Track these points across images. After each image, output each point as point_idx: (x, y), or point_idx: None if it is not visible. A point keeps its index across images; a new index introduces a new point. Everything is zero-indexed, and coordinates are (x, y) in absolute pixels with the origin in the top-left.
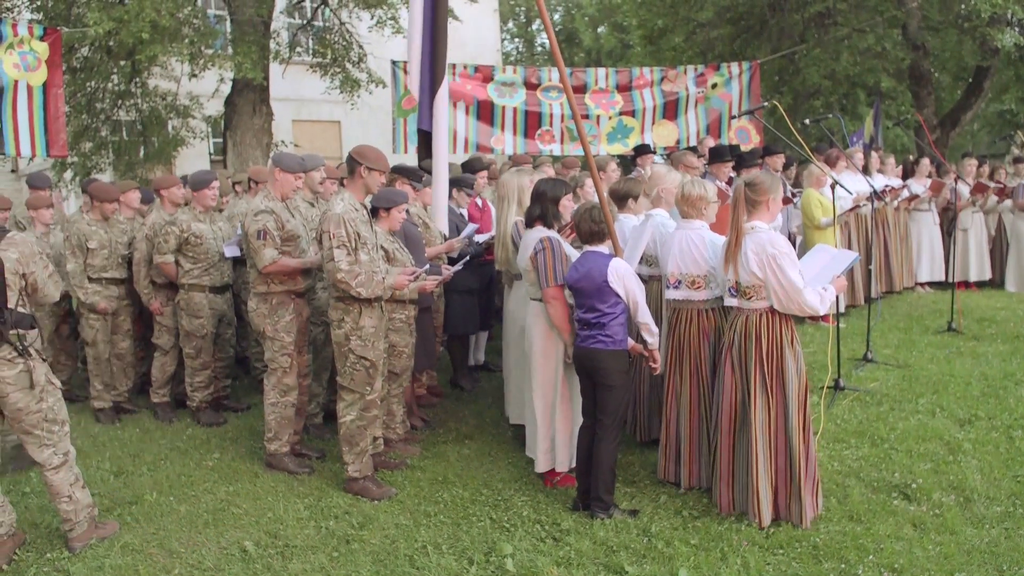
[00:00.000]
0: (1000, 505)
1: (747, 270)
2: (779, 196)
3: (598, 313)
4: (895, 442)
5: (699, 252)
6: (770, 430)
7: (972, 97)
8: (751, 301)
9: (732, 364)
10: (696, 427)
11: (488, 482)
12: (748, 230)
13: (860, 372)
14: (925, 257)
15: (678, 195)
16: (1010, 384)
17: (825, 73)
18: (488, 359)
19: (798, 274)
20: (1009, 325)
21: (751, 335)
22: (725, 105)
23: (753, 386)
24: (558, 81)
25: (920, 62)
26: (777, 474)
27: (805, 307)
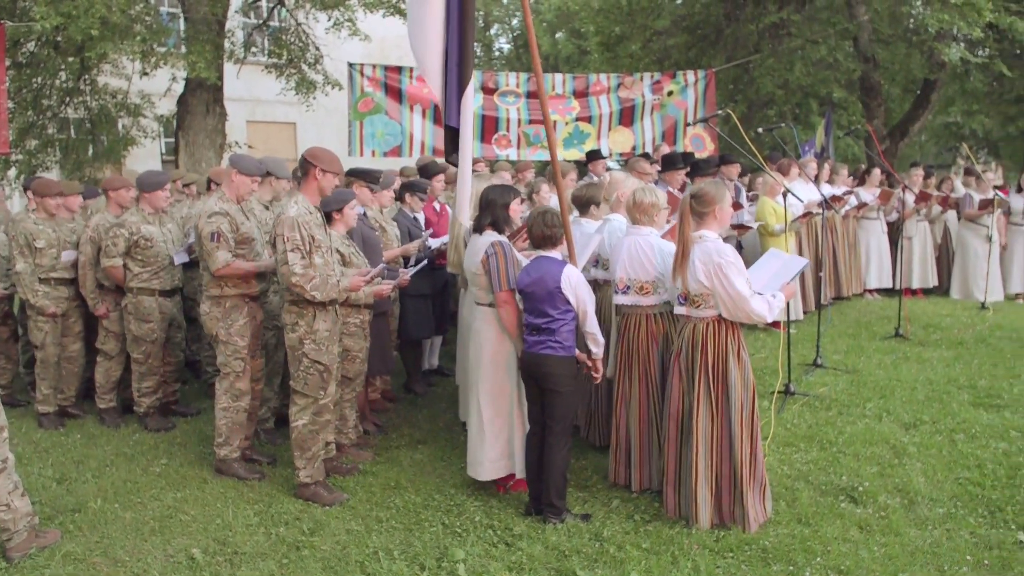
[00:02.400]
0: (942, 507)
1: (695, 279)
2: (726, 204)
3: (549, 319)
4: (843, 446)
5: (647, 258)
6: (712, 437)
7: (920, 109)
8: (699, 309)
9: (680, 372)
10: (645, 431)
11: (441, 487)
12: (696, 239)
13: (810, 377)
14: (874, 264)
15: (629, 201)
16: (953, 389)
17: (779, 83)
18: (442, 364)
19: (745, 283)
20: (953, 331)
21: (698, 344)
22: (680, 112)
23: (697, 394)
24: (515, 86)
25: (870, 74)
26: (720, 480)
27: (752, 315)
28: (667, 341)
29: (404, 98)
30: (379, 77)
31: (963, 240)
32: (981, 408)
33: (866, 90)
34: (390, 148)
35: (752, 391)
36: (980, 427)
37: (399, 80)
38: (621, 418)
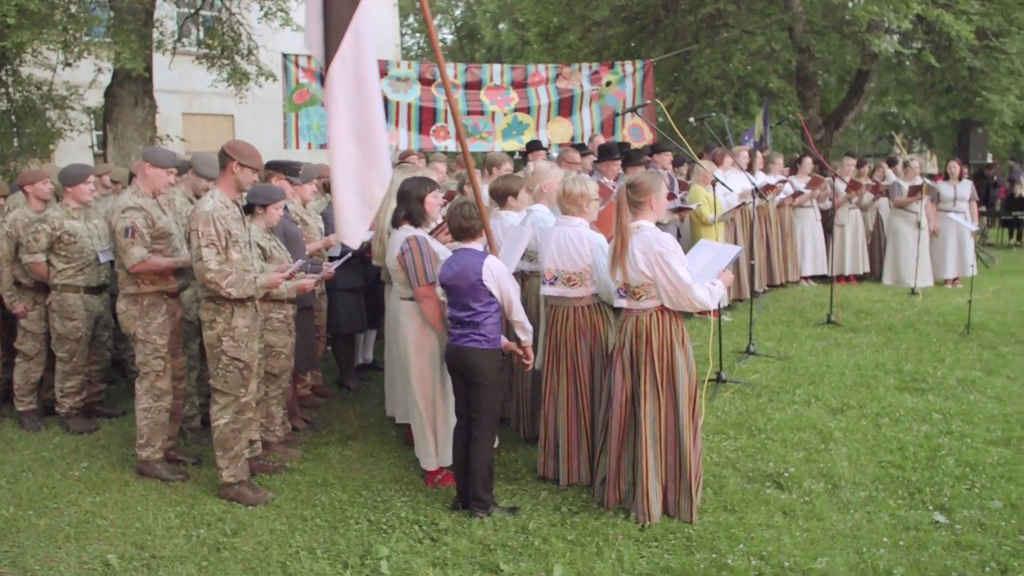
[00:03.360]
0: (865, 490)
1: (635, 269)
2: (662, 194)
3: (472, 312)
4: (771, 432)
5: (576, 249)
6: (661, 428)
7: (854, 99)
8: (641, 301)
9: (623, 366)
10: (574, 424)
11: (368, 483)
12: (634, 230)
13: (742, 365)
14: (808, 252)
15: (560, 192)
16: (880, 374)
17: (717, 73)
18: (377, 358)
19: (686, 271)
20: (883, 317)
21: (642, 335)
22: (619, 103)
23: (644, 385)
24: (453, 77)
25: (805, 64)
26: (667, 472)
27: (695, 303)
28: (595, 334)
29: None
30: (315, 68)
31: (893, 227)
32: (906, 392)
33: (802, 80)
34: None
35: (695, 380)
36: (904, 410)
37: None
38: (549, 411)
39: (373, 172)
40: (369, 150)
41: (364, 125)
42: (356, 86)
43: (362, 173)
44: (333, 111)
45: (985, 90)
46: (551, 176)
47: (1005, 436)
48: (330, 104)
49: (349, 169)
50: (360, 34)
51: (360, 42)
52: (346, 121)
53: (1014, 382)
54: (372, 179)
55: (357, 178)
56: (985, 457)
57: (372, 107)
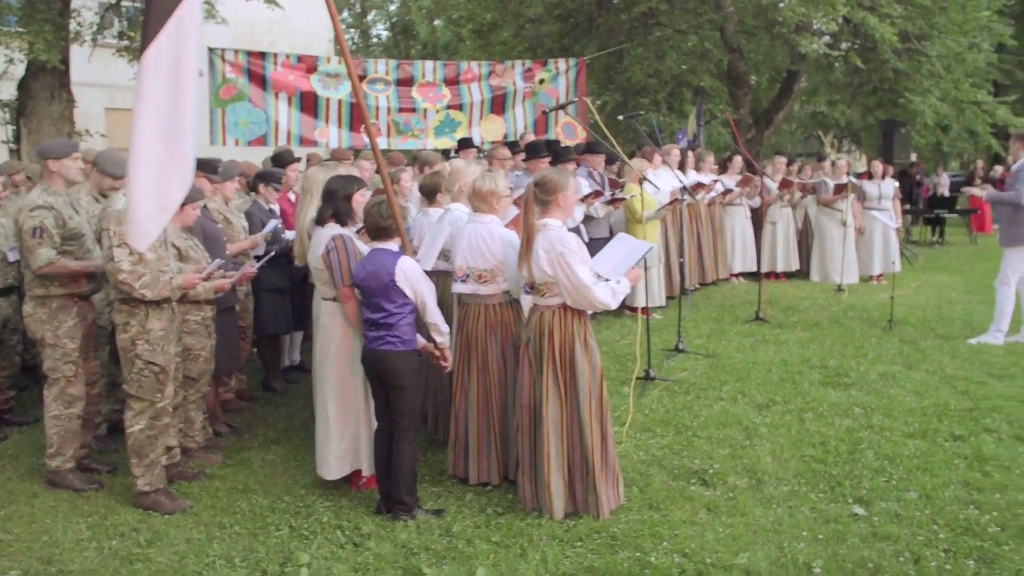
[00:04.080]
0: (787, 484)
1: (539, 268)
2: (570, 192)
3: (385, 313)
4: (697, 429)
5: (487, 246)
6: (562, 425)
7: (784, 98)
8: (545, 298)
9: (529, 361)
10: (483, 423)
11: (291, 488)
12: (540, 228)
13: (671, 362)
14: (739, 249)
15: (469, 189)
16: (806, 369)
17: (650, 71)
18: (304, 359)
19: (587, 271)
20: (810, 313)
21: (545, 332)
22: (552, 101)
23: (545, 381)
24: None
25: (736, 64)
26: (572, 468)
27: (595, 303)
28: (506, 331)
29: (268, 85)
30: (242, 63)
31: (820, 225)
32: (830, 387)
33: (733, 80)
34: (254, 137)
35: (600, 377)
36: (827, 405)
37: (263, 66)
38: (460, 409)
39: (175, 174)
40: (175, 149)
41: (174, 123)
42: (171, 80)
43: (163, 174)
44: (142, 103)
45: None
46: (468, 174)
47: (922, 429)
48: (139, 94)
49: (151, 167)
50: (184, 27)
51: (183, 35)
52: (155, 115)
53: (932, 376)
54: (172, 181)
55: (157, 178)
56: (903, 450)
57: (185, 105)
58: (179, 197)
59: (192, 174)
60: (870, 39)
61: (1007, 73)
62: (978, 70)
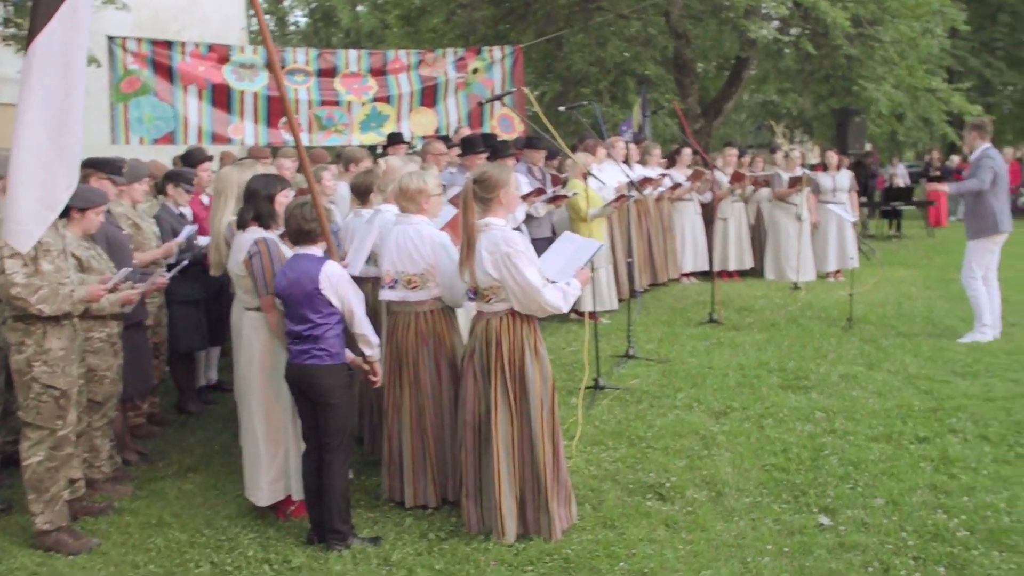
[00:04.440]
0: (749, 496)
1: (483, 271)
2: (512, 188)
3: (310, 324)
4: (652, 440)
5: (416, 249)
6: (513, 441)
7: (733, 87)
8: (490, 304)
9: (474, 373)
10: (418, 441)
11: (211, 520)
12: (482, 228)
13: (621, 369)
14: (689, 247)
15: (395, 188)
16: (764, 373)
17: (592, 59)
18: (223, 377)
19: (536, 272)
20: (766, 314)
21: (492, 340)
22: (487, 92)
23: (494, 393)
24: (304, 63)
25: (683, 51)
26: (523, 486)
27: (545, 306)
28: (439, 341)
29: (176, 77)
30: (145, 53)
31: (774, 220)
32: (789, 391)
33: (680, 67)
34: (161, 134)
35: (552, 388)
36: (788, 410)
37: (169, 56)
38: (392, 427)
39: (62, 171)
40: (64, 145)
41: (63, 118)
42: (63, 70)
43: (49, 170)
44: (29, 95)
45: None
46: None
47: (886, 432)
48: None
49: (37, 164)
50: (79, 12)
51: (76, 23)
52: (44, 109)
53: (894, 376)
54: (59, 179)
55: (43, 175)
56: (867, 454)
57: (75, 99)
58: (65, 196)
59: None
60: (821, 24)
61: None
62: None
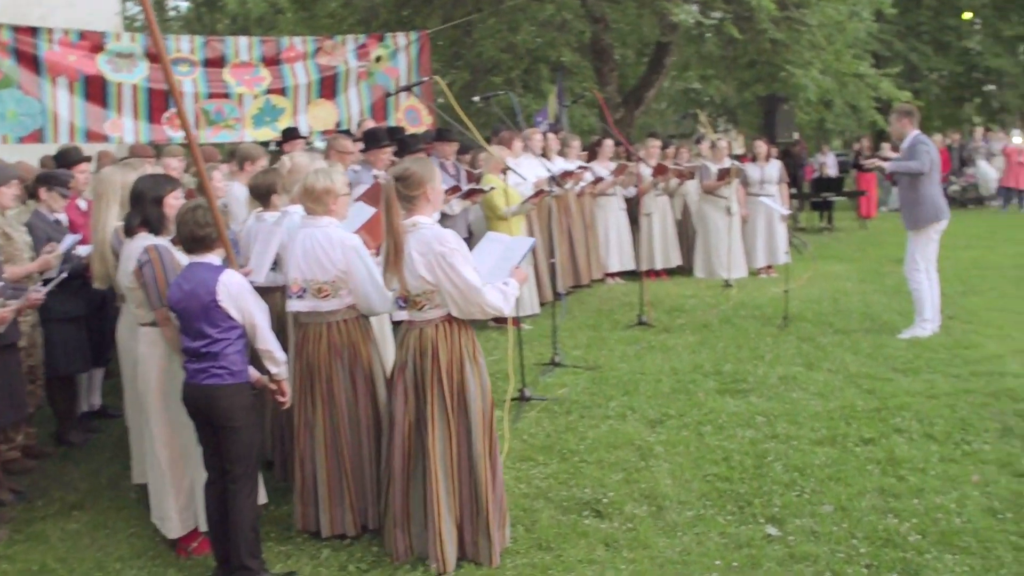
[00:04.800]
0: (691, 509)
1: (415, 275)
2: (438, 183)
3: (208, 340)
4: (585, 453)
5: (325, 254)
6: (452, 459)
7: (654, 74)
8: (424, 311)
9: (405, 388)
10: (333, 464)
11: (102, 563)
12: (409, 228)
13: (548, 378)
14: (613, 246)
15: (300, 188)
16: (699, 377)
17: (503, 46)
18: (108, 402)
19: (473, 271)
20: (697, 314)
21: (427, 351)
22: (391, 82)
23: (430, 410)
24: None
25: (601, 36)
26: (462, 508)
27: (487, 308)
28: (354, 354)
29: (43, 68)
30: (6, 40)
31: (703, 214)
32: (727, 395)
33: (597, 53)
34: (27, 132)
35: (490, 399)
36: (727, 416)
37: (34, 44)
38: (305, 450)
39: None
40: None
41: None
42: None
43: None
44: None
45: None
46: None
47: (830, 434)
48: None
49: None
50: None
51: None
52: None
53: (835, 375)
54: None
55: None
56: (812, 459)
57: None
58: None
59: None
60: (746, 7)
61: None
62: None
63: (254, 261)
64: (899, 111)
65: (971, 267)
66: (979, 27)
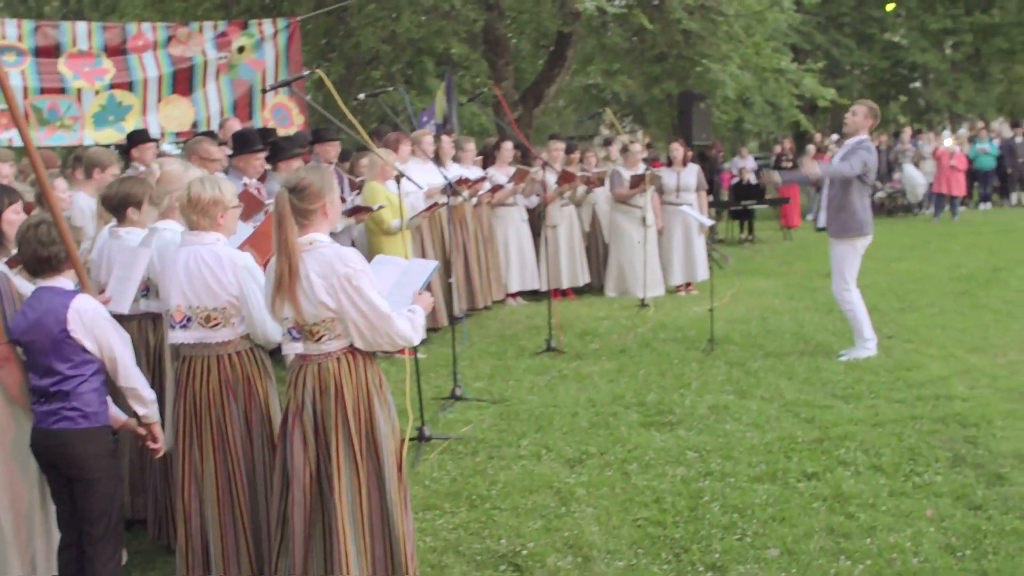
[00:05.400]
0: (622, 559)
1: (313, 301)
2: (336, 196)
3: (58, 377)
4: (498, 499)
5: (214, 276)
6: (362, 512)
7: (555, 68)
8: (323, 343)
9: (304, 434)
10: (227, 517)
11: None
12: (306, 247)
13: (449, 414)
14: (515, 262)
15: (183, 199)
16: (620, 409)
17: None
18: None
19: (379, 295)
20: (612, 338)
21: (328, 389)
22: (257, 76)
23: (336, 455)
24: (16, 39)
25: (495, 25)
26: (375, 567)
27: (397, 339)
28: (250, 390)
29: None
30: None
31: (615, 226)
32: (653, 429)
33: (491, 45)
34: None
35: (401, 441)
36: (654, 452)
37: None
38: (191, 505)
39: None
40: None
41: None
42: None
43: None
44: None
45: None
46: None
47: (770, 470)
48: None
49: None
50: None
51: None
52: None
53: (770, 404)
54: None
55: None
56: (752, 498)
57: None
58: None
59: None
60: None
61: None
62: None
63: (113, 287)
64: (870, 108)
65: (907, 281)
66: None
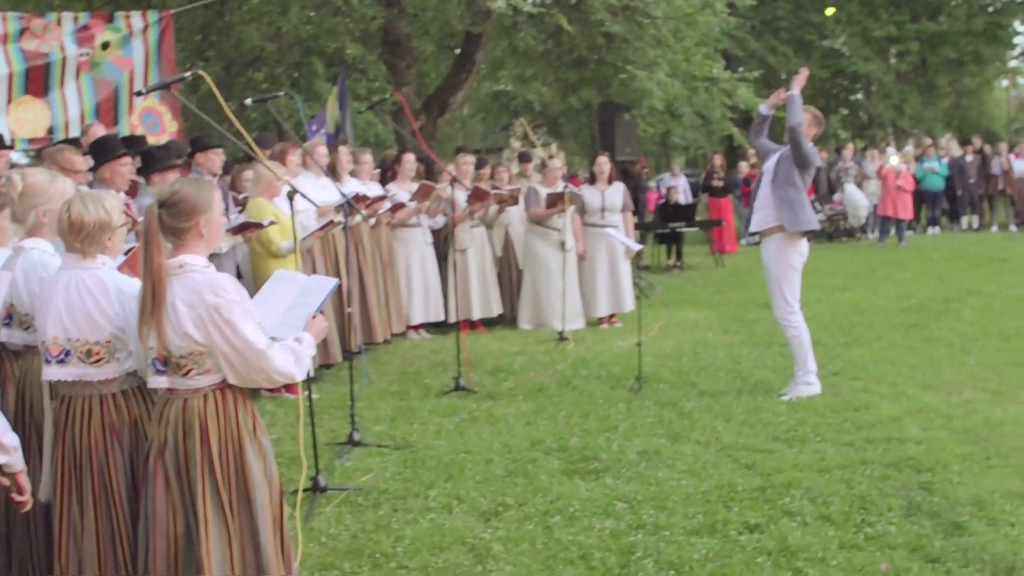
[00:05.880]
0: None
1: (178, 332)
2: (216, 213)
3: None
4: (404, 557)
5: (97, 306)
6: (234, 570)
7: (462, 73)
8: (190, 378)
9: (167, 477)
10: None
11: None
12: (175, 271)
13: (347, 461)
14: (417, 291)
15: (63, 219)
16: (539, 455)
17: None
18: None
19: (256, 328)
20: (529, 375)
21: (193, 428)
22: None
23: (202, 505)
24: None
25: (395, 23)
26: None
27: (274, 375)
28: (135, 434)
29: None
30: None
31: (531, 250)
32: (576, 477)
33: (390, 46)
34: None
35: (280, 492)
36: (579, 503)
37: None
38: (68, 563)
39: None
40: None
41: None
42: None
43: None
44: None
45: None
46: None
47: (708, 521)
48: None
49: None
50: None
51: None
52: None
53: (706, 448)
54: None
55: None
56: (690, 553)
57: None
58: None
59: None
60: None
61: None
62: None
63: None
64: (814, 115)
65: (852, 312)
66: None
